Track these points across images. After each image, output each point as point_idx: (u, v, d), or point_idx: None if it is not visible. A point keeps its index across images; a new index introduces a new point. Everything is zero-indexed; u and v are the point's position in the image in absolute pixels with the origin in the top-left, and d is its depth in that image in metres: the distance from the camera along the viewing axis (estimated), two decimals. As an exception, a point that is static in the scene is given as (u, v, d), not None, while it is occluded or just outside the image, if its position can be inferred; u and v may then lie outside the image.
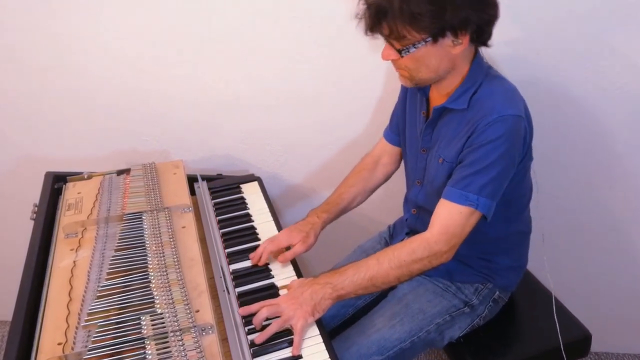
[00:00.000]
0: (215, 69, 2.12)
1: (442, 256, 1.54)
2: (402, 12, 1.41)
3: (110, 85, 2.15)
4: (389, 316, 1.74)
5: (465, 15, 1.42)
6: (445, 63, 1.53)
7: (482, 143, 1.50)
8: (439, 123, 1.67)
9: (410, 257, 1.54)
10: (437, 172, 1.66)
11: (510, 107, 1.51)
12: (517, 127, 1.50)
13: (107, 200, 1.86)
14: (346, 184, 1.96)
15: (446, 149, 1.62)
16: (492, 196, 1.52)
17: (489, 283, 1.79)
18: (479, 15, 1.44)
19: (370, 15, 1.47)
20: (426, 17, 1.40)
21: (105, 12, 2.01)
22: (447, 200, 1.54)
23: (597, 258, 2.37)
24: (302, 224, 1.83)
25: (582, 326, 1.83)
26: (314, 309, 1.51)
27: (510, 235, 1.76)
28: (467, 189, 1.51)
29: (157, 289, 1.48)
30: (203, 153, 2.31)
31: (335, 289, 1.54)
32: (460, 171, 1.55)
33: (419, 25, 1.42)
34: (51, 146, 2.30)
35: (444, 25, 1.43)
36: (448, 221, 1.53)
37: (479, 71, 1.58)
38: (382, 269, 1.54)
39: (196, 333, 1.36)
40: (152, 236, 1.67)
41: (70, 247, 1.68)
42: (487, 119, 1.49)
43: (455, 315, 1.76)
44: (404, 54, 1.50)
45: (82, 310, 1.44)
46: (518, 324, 1.88)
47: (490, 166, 1.50)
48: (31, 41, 2.06)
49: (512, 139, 1.50)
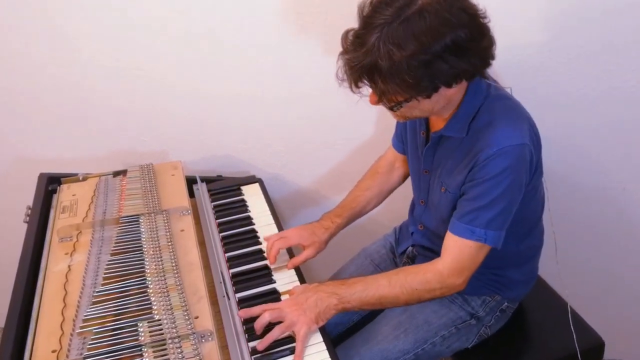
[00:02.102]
0: (215, 66, 2.12)
1: (457, 287, 1.56)
2: (392, 76, 1.33)
3: (106, 84, 2.15)
4: (394, 326, 1.73)
5: (457, 70, 1.35)
6: (442, 103, 1.48)
7: (485, 178, 1.46)
8: (439, 148, 1.64)
9: (422, 286, 1.55)
10: (440, 200, 1.65)
11: (512, 136, 1.45)
12: (521, 156, 1.46)
13: (103, 202, 1.86)
14: (361, 187, 1.95)
15: (448, 178, 1.60)
16: (501, 227, 1.51)
17: (497, 295, 1.78)
18: (471, 63, 1.37)
19: (354, 78, 1.38)
20: (417, 78, 1.33)
21: (102, 10, 2.01)
22: (454, 234, 1.54)
23: (609, 263, 2.37)
24: (315, 226, 1.82)
25: (595, 333, 1.83)
26: (317, 317, 1.51)
27: (522, 250, 1.74)
28: (473, 223, 1.50)
29: (154, 295, 1.48)
30: (202, 153, 2.31)
31: (341, 300, 1.54)
32: (464, 205, 1.53)
33: (410, 86, 1.35)
34: (45, 146, 2.29)
35: (437, 84, 1.37)
36: (458, 256, 1.53)
37: (476, 95, 1.52)
38: (392, 291, 1.55)
39: (195, 340, 1.36)
40: (149, 240, 1.67)
41: (65, 251, 1.68)
42: (487, 152, 1.45)
43: (461, 327, 1.75)
44: (396, 110, 1.45)
45: (77, 317, 1.44)
46: (529, 331, 1.87)
47: (496, 201, 1.47)
48: (24, 38, 2.06)
49: (517, 170, 1.46)
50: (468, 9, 1.35)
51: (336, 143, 2.29)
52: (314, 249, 1.76)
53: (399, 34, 1.30)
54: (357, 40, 1.36)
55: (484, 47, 1.38)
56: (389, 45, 1.31)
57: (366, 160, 2.02)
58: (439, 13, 1.31)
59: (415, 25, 1.30)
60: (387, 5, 1.33)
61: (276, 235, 1.79)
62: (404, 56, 1.30)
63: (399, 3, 1.33)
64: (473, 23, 1.35)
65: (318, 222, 1.85)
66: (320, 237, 1.79)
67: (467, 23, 1.33)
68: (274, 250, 1.72)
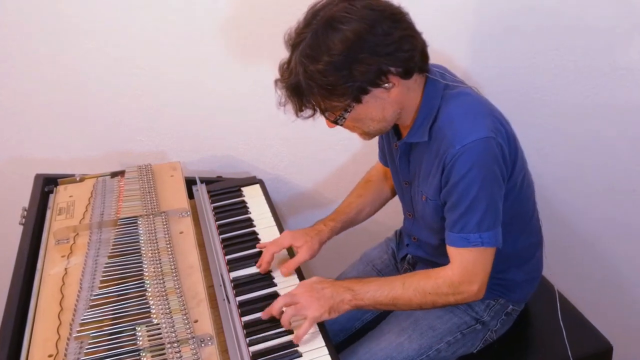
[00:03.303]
0: (215, 65, 2.12)
1: (475, 295, 1.56)
2: (310, 88, 1.40)
3: (104, 83, 2.15)
4: (397, 332, 1.73)
5: (377, 66, 1.39)
6: (390, 109, 1.50)
7: (456, 180, 1.47)
8: (411, 156, 1.65)
9: (435, 290, 1.55)
10: (424, 209, 1.66)
11: (473, 131, 1.45)
12: (487, 149, 1.45)
13: (100, 204, 1.85)
14: (354, 194, 1.96)
15: (425, 185, 1.61)
16: (494, 225, 1.51)
17: (501, 299, 1.78)
18: (392, 58, 1.40)
19: (289, 98, 1.47)
20: (337, 85, 1.39)
21: (100, 8, 2.01)
22: (452, 247, 1.54)
23: (618, 266, 2.36)
24: (307, 229, 1.82)
25: (602, 337, 1.82)
26: (331, 308, 1.53)
27: (520, 250, 1.73)
28: (465, 230, 1.50)
29: (153, 298, 1.47)
30: (202, 154, 2.31)
31: (355, 297, 1.55)
32: (450, 214, 1.53)
33: (335, 94, 1.41)
34: (41, 146, 2.29)
35: (361, 84, 1.41)
36: (463, 263, 1.53)
37: (433, 97, 1.53)
38: (406, 294, 1.55)
39: (195, 344, 1.35)
40: (148, 242, 1.67)
41: (62, 253, 1.68)
42: (451, 151, 1.46)
43: (466, 333, 1.75)
44: (341, 122, 1.50)
45: (74, 321, 1.43)
46: (535, 335, 1.86)
47: (476, 201, 1.47)
48: (21, 37, 2.06)
49: (486, 164, 1.46)
50: (374, 5, 1.40)
51: (338, 144, 2.29)
52: (307, 250, 1.75)
53: (311, 47, 1.39)
54: (284, 65, 1.48)
55: (399, 39, 1.40)
56: (304, 60, 1.40)
57: (368, 162, 2.02)
58: (344, 18, 1.38)
59: (323, 35, 1.38)
60: (303, 26, 1.44)
61: (269, 242, 1.79)
62: (318, 67, 1.38)
63: (309, 19, 1.43)
64: (381, 17, 1.39)
65: (311, 226, 1.85)
66: (313, 238, 1.78)
67: (375, 19, 1.38)
68: (266, 255, 1.73)
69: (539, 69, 2.03)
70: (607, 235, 2.31)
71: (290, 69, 1.43)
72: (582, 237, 2.27)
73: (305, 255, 1.74)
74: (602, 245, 2.34)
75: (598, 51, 1.98)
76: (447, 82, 1.56)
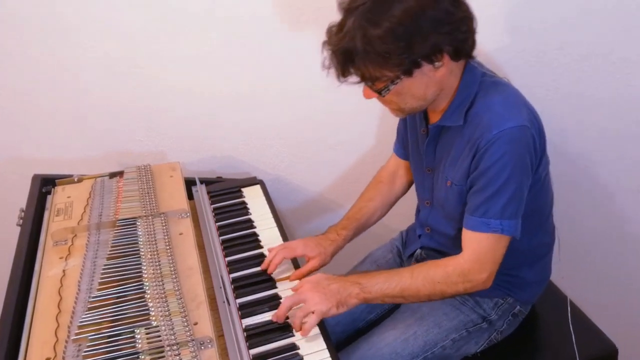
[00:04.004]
0: (215, 64, 2.12)
1: (482, 284, 1.57)
2: (367, 54, 1.40)
3: (103, 82, 2.14)
4: (403, 328, 1.73)
5: (435, 42, 1.41)
6: (432, 88, 1.52)
7: (489, 164, 1.49)
8: (440, 141, 1.67)
9: (444, 279, 1.56)
10: (446, 194, 1.66)
11: (511, 118, 1.48)
12: (522, 137, 1.48)
13: (98, 205, 1.85)
14: (364, 198, 1.96)
15: (452, 170, 1.62)
16: (515, 215, 1.52)
17: (509, 297, 1.78)
18: (450, 37, 1.42)
19: (336, 63, 1.46)
20: (395, 53, 1.39)
21: (99, 7, 2.00)
22: (470, 230, 1.55)
23: (624, 268, 2.36)
24: (321, 238, 1.83)
25: (608, 340, 1.82)
26: (338, 303, 1.54)
27: (534, 247, 1.75)
28: (487, 215, 1.51)
29: (152, 300, 1.47)
30: (202, 154, 2.31)
31: (363, 290, 1.56)
32: (474, 197, 1.55)
33: (389, 63, 1.41)
34: (39, 146, 2.29)
35: (416, 57, 1.42)
36: (477, 250, 1.54)
37: (471, 82, 1.56)
38: (414, 284, 1.56)
39: (194, 347, 1.35)
40: (147, 243, 1.67)
41: (60, 255, 1.68)
42: (487, 136, 1.48)
43: (472, 331, 1.75)
44: (384, 93, 1.50)
45: (72, 323, 1.43)
46: (539, 337, 1.86)
47: (504, 187, 1.49)
48: (19, 35, 2.05)
49: (520, 152, 1.48)
50: None
51: (340, 144, 2.29)
52: (319, 261, 1.77)
53: (373, 12, 1.39)
54: (337, 28, 1.46)
55: (460, 18, 1.43)
56: (364, 24, 1.39)
57: (370, 162, 2.02)
58: None
59: (386, 1, 1.38)
60: None
61: (281, 245, 1.79)
62: (378, 33, 1.37)
63: None
64: None
65: (324, 234, 1.86)
66: (327, 249, 1.79)
67: None
68: (277, 258, 1.73)
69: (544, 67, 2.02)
70: (610, 236, 2.31)
71: (345, 32, 1.41)
72: (585, 238, 2.27)
73: (316, 265, 1.76)
74: (606, 246, 2.34)
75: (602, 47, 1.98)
76: (484, 70, 1.60)
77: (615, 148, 2.14)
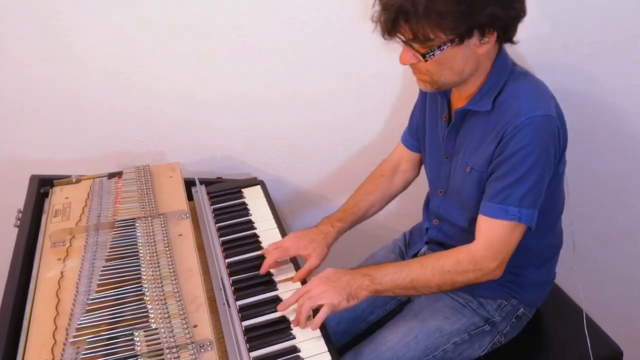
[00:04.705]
0: (215, 63, 2.11)
1: (492, 272, 1.56)
2: (427, 11, 1.39)
3: (101, 81, 2.14)
4: (403, 332, 1.72)
5: (493, 12, 1.42)
6: (471, 64, 1.53)
7: (514, 150, 1.49)
8: (463, 127, 1.66)
9: (455, 267, 1.56)
10: (464, 181, 1.66)
11: (540, 107, 1.50)
12: (549, 127, 1.49)
13: (97, 205, 1.85)
14: (363, 191, 1.95)
15: (473, 156, 1.62)
16: (534, 205, 1.53)
17: (513, 299, 1.78)
18: (506, 11, 1.44)
19: (390, 18, 1.44)
20: (454, 16, 1.39)
21: (98, 6, 2.00)
22: (487, 216, 1.55)
23: (629, 269, 2.36)
24: (313, 231, 1.81)
25: (612, 342, 1.82)
26: (349, 296, 1.53)
27: (543, 248, 1.75)
28: (506, 202, 1.51)
29: (151, 302, 1.47)
30: (201, 155, 2.31)
31: (373, 282, 1.56)
32: (494, 184, 1.55)
33: (446, 25, 1.41)
34: (37, 147, 2.29)
35: (472, 24, 1.43)
36: (491, 237, 1.54)
37: (503, 69, 1.58)
38: (424, 274, 1.56)
39: (194, 350, 1.35)
40: (146, 245, 1.67)
41: (58, 256, 1.68)
42: (515, 122, 1.49)
43: (474, 334, 1.75)
44: (428, 58, 1.48)
45: (70, 325, 1.43)
46: (543, 340, 1.86)
47: (527, 174, 1.49)
48: (16, 33, 2.05)
49: (546, 141, 1.49)
50: None
51: (341, 144, 2.29)
52: (317, 257, 1.75)
53: None
54: None
55: None
56: None
57: (372, 162, 2.01)
58: None
59: None
60: None
61: (273, 244, 1.78)
62: None
63: None
64: None
65: (316, 227, 1.84)
66: (320, 243, 1.77)
67: None
68: (269, 260, 1.72)
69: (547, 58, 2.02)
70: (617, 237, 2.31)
71: None
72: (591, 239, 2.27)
73: (315, 262, 1.74)
74: (608, 247, 2.33)
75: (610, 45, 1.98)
76: (514, 62, 1.62)
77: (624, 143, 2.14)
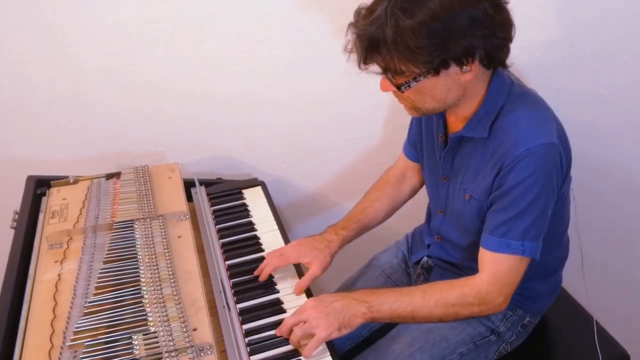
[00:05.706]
0: (215, 62, 2.11)
1: (498, 307, 1.54)
2: (396, 45, 1.33)
3: (99, 81, 2.14)
4: (408, 342, 1.70)
5: (471, 44, 1.35)
6: (454, 92, 1.47)
7: (513, 184, 1.44)
8: (459, 152, 1.63)
9: (459, 300, 1.53)
10: (463, 207, 1.63)
11: (540, 135, 1.44)
12: (551, 155, 1.44)
13: (95, 207, 1.85)
14: (369, 198, 1.93)
15: (472, 184, 1.58)
16: (537, 237, 1.49)
17: (519, 309, 1.77)
18: (488, 41, 1.37)
19: (362, 46, 1.39)
20: (426, 50, 1.33)
21: (95, 6, 2.00)
22: (488, 251, 1.51)
23: (635, 273, 2.35)
24: (316, 239, 1.80)
25: (619, 347, 1.82)
26: (341, 324, 1.50)
27: (549, 261, 1.72)
28: (508, 236, 1.48)
29: (150, 305, 1.47)
30: (201, 155, 2.31)
31: (371, 309, 1.53)
32: (495, 216, 1.51)
33: (418, 59, 1.35)
34: (33, 147, 2.29)
35: (447, 57, 1.36)
36: (497, 271, 1.51)
37: (499, 92, 1.51)
38: (426, 305, 1.53)
39: (194, 353, 1.35)
40: (144, 247, 1.67)
41: (55, 258, 1.68)
42: (514, 153, 1.43)
43: (480, 344, 1.74)
44: (404, 89, 1.44)
45: (67, 329, 1.43)
46: (550, 346, 1.86)
47: (529, 208, 1.45)
48: (12, 31, 2.05)
49: (548, 171, 1.44)
50: None
51: (343, 144, 2.29)
52: (318, 265, 1.73)
53: (409, 1, 1.32)
54: (366, 12, 1.39)
55: (499, 23, 1.38)
56: (397, 12, 1.32)
57: (375, 162, 2.01)
58: None
59: None
60: None
61: (274, 252, 1.77)
62: (411, 24, 1.31)
63: None
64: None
65: (320, 234, 1.83)
66: (323, 251, 1.75)
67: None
68: (268, 268, 1.71)
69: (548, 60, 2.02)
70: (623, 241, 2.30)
71: (375, 17, 1.34)
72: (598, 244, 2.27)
73: (317, 271, 1.72)
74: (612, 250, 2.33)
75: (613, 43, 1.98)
76: (513, 79, 1.56)
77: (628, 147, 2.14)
